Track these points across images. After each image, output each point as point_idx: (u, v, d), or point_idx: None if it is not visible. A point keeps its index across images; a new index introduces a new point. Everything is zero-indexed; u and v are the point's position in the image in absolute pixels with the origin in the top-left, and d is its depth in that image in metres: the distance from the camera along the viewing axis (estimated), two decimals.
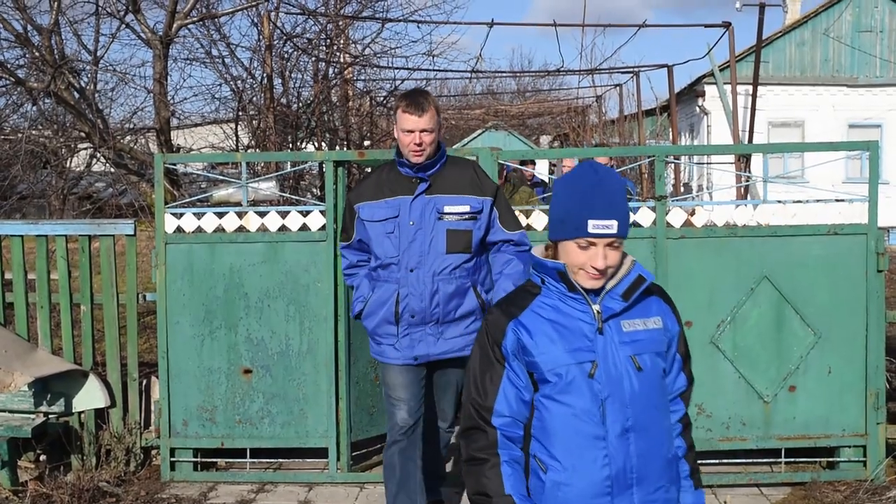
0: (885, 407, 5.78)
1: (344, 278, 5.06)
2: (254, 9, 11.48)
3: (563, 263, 2.65)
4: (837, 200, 5.86)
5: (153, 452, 6.37)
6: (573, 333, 2.64)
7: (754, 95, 18.15)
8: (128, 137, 11.43)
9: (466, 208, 4.63)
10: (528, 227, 5.81)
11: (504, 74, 28.90)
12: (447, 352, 4.71)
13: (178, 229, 6.10)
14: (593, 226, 2.58)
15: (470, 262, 4.68)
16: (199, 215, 6.12)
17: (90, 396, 6.23)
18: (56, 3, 10.16)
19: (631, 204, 5.90)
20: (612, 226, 2.60)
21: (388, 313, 4.67)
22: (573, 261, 2.63)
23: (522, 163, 12.52)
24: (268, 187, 8.90)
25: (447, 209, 4.61)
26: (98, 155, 11.59)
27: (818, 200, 5.96)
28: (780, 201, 5.88)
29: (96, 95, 11.05)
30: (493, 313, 2.77)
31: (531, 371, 2.67)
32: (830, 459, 5.89)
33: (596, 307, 2.66)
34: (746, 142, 18.66)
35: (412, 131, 4.54)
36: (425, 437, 4.98)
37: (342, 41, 13.35)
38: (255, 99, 11.68)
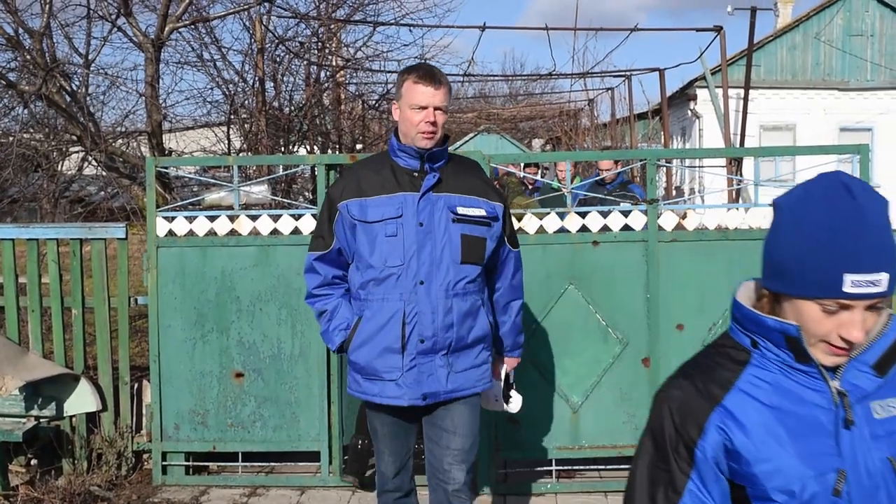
0: None
1: (309, 303, 4.00)
2: (245, 12, 11.47)
3: (797, 326, 1.80)
4: None
5: (145, 456, 6.35)
6: (809, 427, 1.81)
7: (746, 99, 18.20)
8: (119, 141, 11.40)
9: (482, 212, 3.86)
10: (520, 231, 5.82)
11: (496, 78, 28.99)
12: (458, 389, 3.86)
13: (170, 233, 6.09)
14: (853, 283, 1.72)
15: (481, 276, 3.91)
16: (190, 219, 6.11)
17: (81, 400, 6.21)
18: (47, 6, 10.14)
19: (621, 207, 5.91)
20: (881, 281, 1.72)
21: (390, 339, 3.75)
22: (813, 328, 1.79)
23: (526, 166, 12.51)
24: (259, 191, 8.87)
25: (461, 210, 3.80)
26: (90, 158, 11.56)
27: None
28: (771, 205, 5.88)
29: (88, 99, 11.01)
30: (677, 387, 1.88)
31: (739, 484, 1.83)
32: None
33: (835, 384, 1.82)
34: (738, 145, 18.71)
35: (425, 107, 3.73)
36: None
37: (334, 45, 13.34)
38: (246, 102, 11.66)
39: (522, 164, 13.10)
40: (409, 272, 3.73)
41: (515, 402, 4.37)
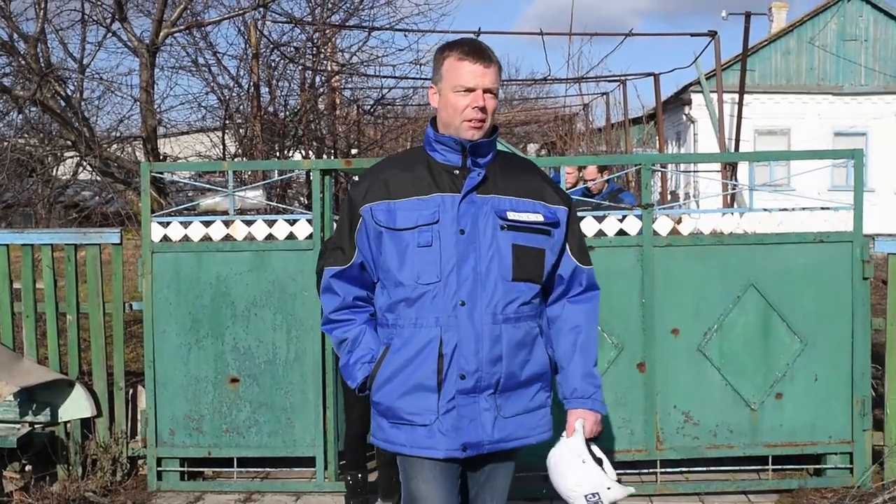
0: (872, 414, 5.80)
1: (326, 330, 3.27)
2: (241, 17, 11.48)
3: None
4: (823, 208, 5.89)
5: (140, 462, 6.33)
6: None
7: (740, 104, 18.24)
8: (114, 146, 11.41)
9: (538, 217, 3.12)
10: None
11: None
12: (507, 439, 3.13)
13: (165, 238, 6.08)
14: None
15: (538, 298, 3.15)
16: (185, 224, 6.10)
17: (76, 406, 6.20)
18: (42, 11, 10.14)
19: (617, 212, 5.91)
20: None
21: (424, 374, 3.04)
22: None
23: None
24: (255, 196, 8.87)
25: (512, 216, 3.08)
26: (84, 163, 11.56)
27: (804, 208, 5.98)
28: (766, 209, 5.90)
29: (82, 104, 11.02)
30: None
31: None
32: (817, 466, 5.90)
33: None
34: (733, 150, 18.75)
35: (472, 89, 3.02)
36: None
37: (329, 50, 13.35)
38: (241, 107, 11.68)
39: None
40: (447, 291, 3.01)
41: (616, 491, 3.12)
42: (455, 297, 3.00)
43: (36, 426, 6.15)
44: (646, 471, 5.84)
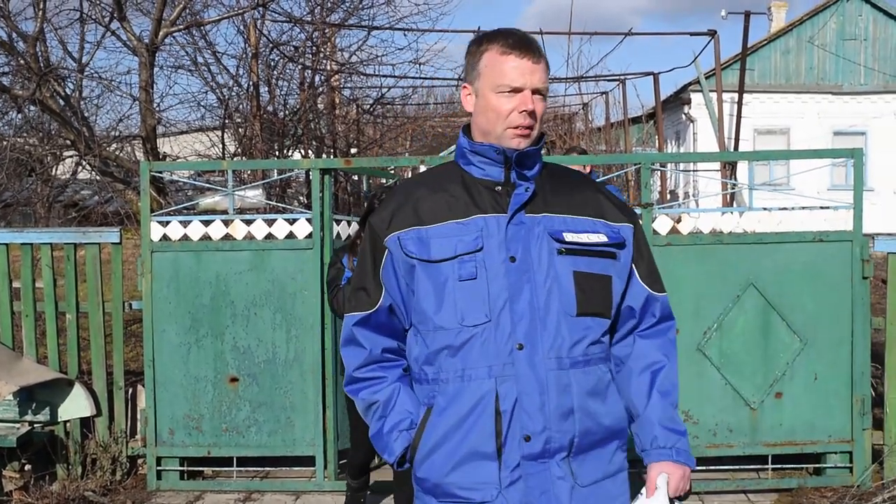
0: (871, 413, 5.80)
1: (350, 391, 2.67)
2: (240, 17, 11.47)
3: None
4: (823, 208, 5.89)
5: (139, 461, 6.33)
6: None
7: (740, 103, 18.25)
8: (114, 145, 11.40)
9: (601, 237, 2.56)
10: None
11: None
12: None
13: (165, 237, 6.08)
14: None
15: (607, 336, 2.59)
16: (185, 223, 6.10)
17: (76, 405, 6.19)
18: (41, 11, 10.14)
19: None
20: None
21: (479, 439, 2.44)
22: None
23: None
24: (254, 195, 8.87)
25: (569, 237, 2.52)
26: (84, 163, 11.56)
27: (804, 207, 5.99)
28: (765, 208, 5.90)
29: (82, 103, 11.02)
30: None
31: None
32: (817, 465, 5.90)
33: None
34: (732, 149, 18.76)
35: (520, 89, 2.47)
36: None
37: (328, 49, 13.35)
38: (241, 107, 11.67)
39: None
40: (499, 332, 2.43)
41: None
42: (510, 339, 2.42)
43: (35, 425, 6.14)
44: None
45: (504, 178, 2.54)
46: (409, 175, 14.82)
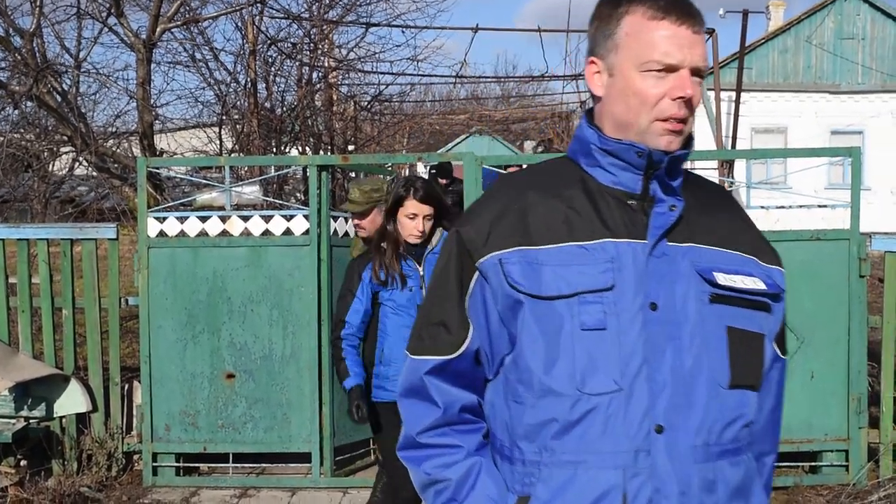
0: (867, 411, 5.80)
1: (407, 458, 1.92)
2: (238, 13, 11.46)
3: None
4: (820, 206, 5.89)
5: (135, 457, 6.33)
6: None
7: (737, 101, 18.26)
8: (111, 141, 11.38)
9: (758, 284, 1.89)
10: None
11: (488, 80, 28.96)
12: None
13: (161, 233, 6.07)
14: None
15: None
16: (182, 219, 6.10)
17: (72, 401, 6.19)
18: (38, 6, 10.11)
19: None
20: None
21: None
22: None
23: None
24: (251, 191, 8.88)
25: (722, 280, 1.82)
26: (81, 159, 11.54)
27: (801, 206, 5.98)
28: (763, 207, 5.90)
29: (79, 99, 10.99)
30: None
31: None
32: (813, 464, 5.91)
33: None
34: (730, 147, 18.77)
35: (675, 67, 1.77)
36: None
37: (326, 46, 13.34)
38: (238, 103, 11.66)
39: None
40: (632, 407, 1.73)
41: None
42: (647, 418, 1.73)
43: (31, 421, 6.14)
44: None
45: (641, 188, 1.83)
46: (406, 173, 14.80)
